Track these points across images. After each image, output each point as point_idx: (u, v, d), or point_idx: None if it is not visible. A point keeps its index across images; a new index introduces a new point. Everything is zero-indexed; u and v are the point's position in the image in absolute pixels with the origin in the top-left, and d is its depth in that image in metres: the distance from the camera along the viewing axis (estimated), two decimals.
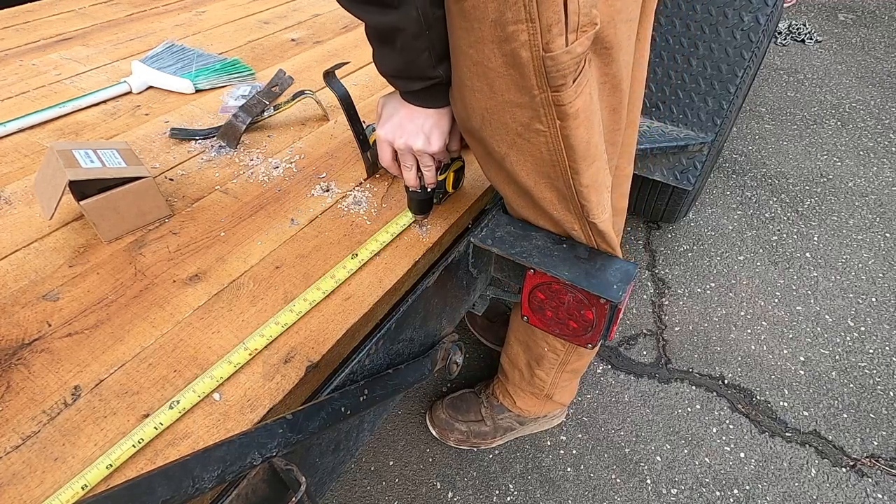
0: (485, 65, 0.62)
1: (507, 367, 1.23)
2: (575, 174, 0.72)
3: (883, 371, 1.52)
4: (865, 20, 3.59)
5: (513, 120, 0.67)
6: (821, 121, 2.58)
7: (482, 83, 0.64)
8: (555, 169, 0.71)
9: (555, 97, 0.63)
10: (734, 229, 1.99)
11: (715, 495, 1.26)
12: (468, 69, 0.64)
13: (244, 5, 1.65)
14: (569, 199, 0.76)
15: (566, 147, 0.68)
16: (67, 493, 0.51)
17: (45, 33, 1.44)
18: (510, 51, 0.59)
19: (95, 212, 0.76)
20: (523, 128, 0.67)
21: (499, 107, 0.66)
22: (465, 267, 0.88)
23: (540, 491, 1.28)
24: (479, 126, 0.70)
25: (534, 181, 0.74)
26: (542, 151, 0.69)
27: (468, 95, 0.67)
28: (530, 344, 1.10)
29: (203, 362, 0.63)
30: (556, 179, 0.73)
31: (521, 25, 0.57)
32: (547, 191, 0.76)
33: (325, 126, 1.08)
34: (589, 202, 0.76)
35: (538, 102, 0.64)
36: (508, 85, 0.63)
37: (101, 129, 1.05)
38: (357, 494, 1.27)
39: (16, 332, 0.66)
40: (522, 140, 0.69)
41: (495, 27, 0.58)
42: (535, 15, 0.56)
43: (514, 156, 0.72)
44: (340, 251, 0.79)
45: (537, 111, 0.65)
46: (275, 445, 0.53)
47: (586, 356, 1.11)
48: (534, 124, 0.66)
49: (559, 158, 0.70)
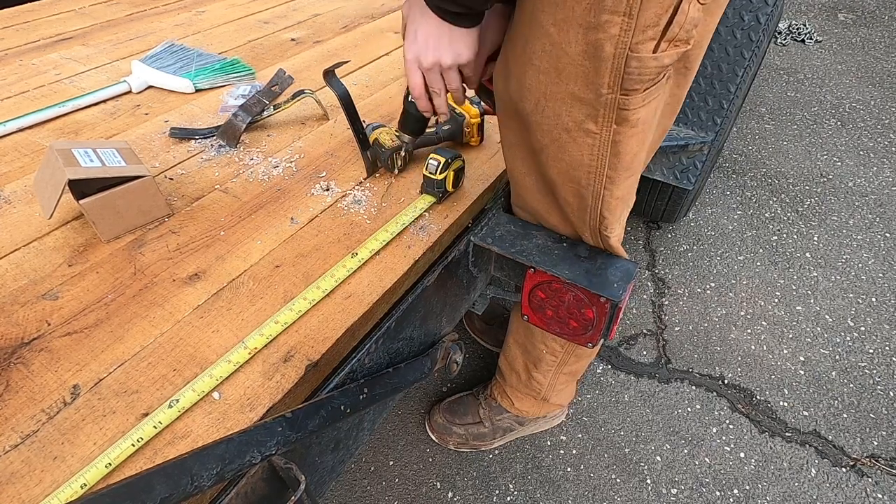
0: (562, 48, 0.59)
1: (504, 370, 1.23)
2: (609, 184, 0.70)
3: (883, 371, 1.52)
4: (865, 20, 3.59)
5: (567, 114, 0.64)
6: (821, 121, 2.58)
7: (550, 66, 0.61)
8: (589, 175, 0.69)
9: (622, 100, 0.60)
10: (734, 229, 1.99)
11: (715, 495, 1.26)
12: (541, 48, 0.61)
13: (244, 5, 1.65)
14: (590, 209, 0.74)
15: (612, 154, 0.66)
16: (66, 492, 0.51)
17: (45, 33, 1.44)
18: (595, 40, 0.57)
19: (95, 211, 0.76)
20: (575, 125, 0.65)
21: (558, 96, 0.63)
22: (465, 266, 0.87)
23: (540, 491, 1.28)
24: (531, 110, 0.67)
25: (561, 180, 0.72)
26: (583, 154, 0.67)
27: (530, 75, 0.64)
28: (528, 347, 1.09)
29: (202, 361, 0.63)
30: (586, 187, 0.71)
31: (616, 17, 0.55)
32: (571, 195, 0.74)
33: (325, 125, 1.08)
34: (611, 214, 0.74)
35: (602, 102, 0.61)
36: (577, 76, 0.60)
37: (100, 129, 1.05)
38: (357, 494, 1.27)
39: (15, 331, 0.66)
40: (568, 137, 0.66)
41: (590, 11, 0.55)
42: (635, 11, 0.54)
43: (553, 150, 0.69)
44: (340, 250, 0.79)
45: (596, 111, 0.62)
46: (274, 444, 0.52)
47: (584, 359, 1.10)
48: (587, 124, 0.64)
49: (599, 165, 0.67)
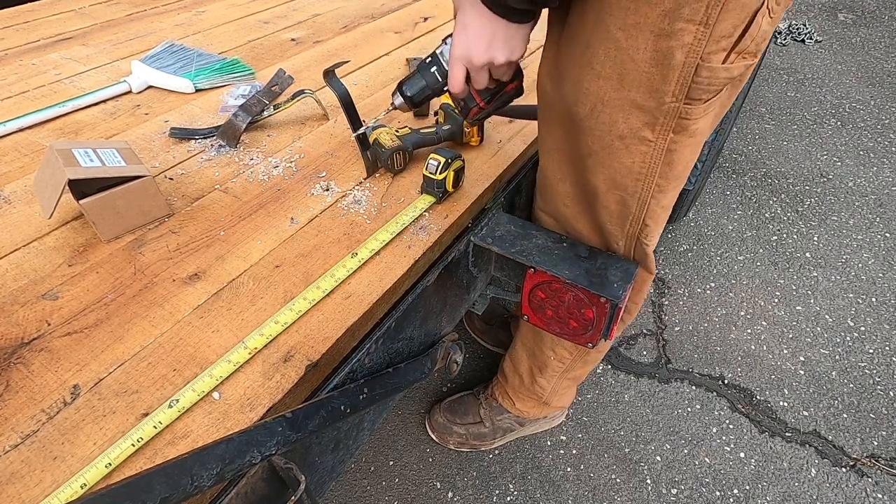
0: (628, 54, 0.58)
1: (508, 372, 1.23)
2: (658, 192, 0.69)
3: (883, 371, 1.52)
4: (865, 20, 3.59)
5: (624, 121, 0.63)
6: (821, 121, 2.58)
7: (612, 72, 0.60)
8: (637, 183, 0.68)
9: (685, 109, 0.59)
10: (734, 229, 1.99)
11: (715, 495, 1.26)
12: (604, 53, 0.59)
13: (244, 5, 1.64)
14: (633, 216, 0.73)
15: (664, 163, 0.65)
16: (66, 492, 0.51)
17: (45, 33, 1.44)
18: (666, 48, 0.56)
19: (95, 211, 0.76)
20: (630, 132, 0.63)
21: (617, 103, 0.62)
22: (465, 266, 0.87)
23: (540, 491, 1.28)
24: (585, 115, 0.65)
25: (606, 187, 0.71)
26: (634, 162, 0.66)
27: (589, 80, 0.62)
28: (536, 351, 1.09)
29: (202, 361, 0.63)
30: (633, 194, 0.70)
31: (691, 26, 0.53)
32: (613, 202, 0.73)
33: (325, 125, 1.08)
34: (654, 223, 0.74)
35: (664, 110, 0.60)
36: (641, 83, 0.59)
37: (100, 129, 1.05)
38: (357, 494, 1.27)
39: (15, 331, 0.66)
40: (621, 144, 0.65)
41: (664, 18, 0.54)
42: (712, 20, 0.53)
43: (602, 156, 0.67)
44: (340, 250, 0.79)
45: (656, 119, 0.61)
46: (274, 444, 0.52)
47: (590, 364, 1.11)
48: (643, 131, 0.63)
49: (649, 172, 0.66)
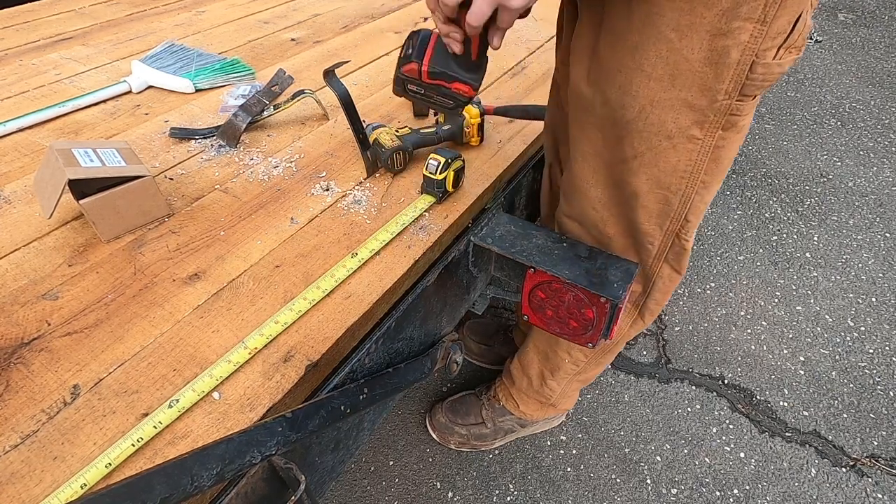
0: (681, 54, 0.57)
1: (515, 373, 1.22)
2: (703, 188, 0.69)
3: (883, 371, 1.52)
4: (865, 20, 3.59)
5: (673, 121, 0.63)
6: (821, 121, 2.58)
7: (664, 73, 0.60)
8: (682, 181, 0.68)
9: (736, 106, 0.60)
10: (734, 229, 1.99)
11: (715, 495, 1.26)
12: (656, 54, 0.59)
13: (244, 5, 1.65)
14: (674, 214, 0.73)
15: (711, 159, 0.65)
16: (66, 492, 0.51)
17: (45, 33, 1.44)
18: (722, 47, 0.55)
19: (95, 211, 0.76)
20: (679, 131, 0.63)
21: (668, 103, 0.62)
22: (465, 266, 0.87)
23: (540, 491, 1.28)
24: (633, 118, 0.65)
25: (648, 188, 0.71)
26: (680, 160, 0.66)
27: (638, 82, 0.62)
28: (550, 354, 1.08)
29: (202, 361, 0.63)
30: (676, 192, 0.70)
31: (749, 24, 0.53)
32: (654, 202, 0.73)
33: (325, 125, 1.08)
34: (695, 218, 0.74)
35: (716, 108, 0.60)
36: (693, 83, 0.59)
37: (100, 129, 1.05)
38: (357, 494, 1.27)
39: (15, 331, 0.66)
40: (669, 144, 0.65)
41: (721, 17, 0.54)
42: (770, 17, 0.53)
43: (647, 157, 0.67)
44: (340, 250, 0.79)
45: (706, 117, 0.61)
46: (274, 444, 0.52)
47: (601, 366, 1.11)
48: (692, 130, 0.63)
49: (695, 170, 0.67)
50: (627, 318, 0.97)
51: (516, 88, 1.22)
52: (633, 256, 0.84)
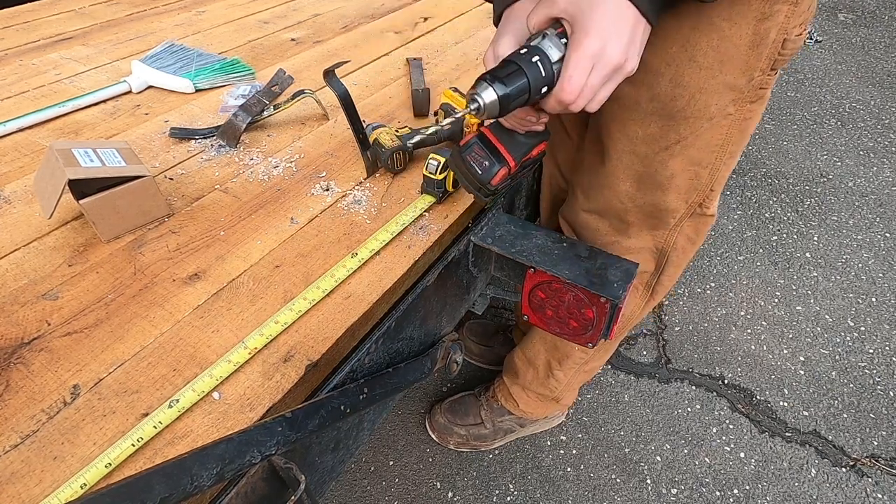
0: (731, 41, 0.61)
1: (519, 365, 1.21)
2: (729, 158, 0.74)
3: (883, 371, 1.52)
4: (865, 20, 3.59)
5: (716, 103, 0.67)
6: (821, 121, 2.58)
7: (714, 60, 0.63)
8: (713, 154, 0.72)
9: (766, 80, 0.65)
10: (734, 229, 1.99)
11: (715, 495, 1.26)
12: (707, 44, 0.62)
13: (244, 5, 1.64)
14: (701, 188, 0.77)
15: (739, 131, 0.70)
16: (66, 492, 0.51)
17: (45, 33, 1.44)
18: (764, 30, 0.60)
19: (95, 211, 0.76)
20: (718, 111, 0.67)
21: (714, 88, 0.65)
22: (465, 266, 0.87)
23: (540, 491, 1.28)
24: (682, 106, 0.68)
25: (682, 167, 0.75)
26: (715, 136, 0.70)
27: (690, 72, 0.65)
28: (558, 343, 1.09)
29: (202, 361, 0.63)
30: (706, 167, 0.74)
31: (785, 6, 0.59)
32: (685, 179, 0.76)
33: (325, 125, 1.08)
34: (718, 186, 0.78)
35: (752, 84, 0.65)
36: (737, 65, 0.63)
37: (100, 129, 1.05)
38: (357, 494, 1.27)
39: (15, 331, 0.66)
40: (708, 124, 0.69)
41: (766, 3, 0.59)
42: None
43: (690, 140, 0.71)
44: (340, 250, 0.79)
45: (742, 94, 0.66)
46: (274, 444, 0.52)
47: (608, 354, 1.13)
48: (728, 108, 0.67)
49: (726, 142, 0.71)
50: (640, 299, 0.98)
51: None
52: (646, 236, 0.87)
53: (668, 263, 0.91)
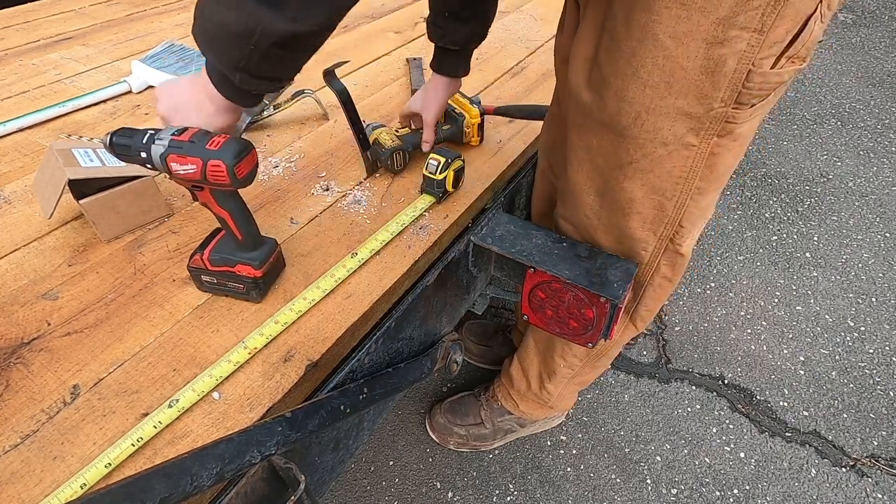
0: (677, 62, 0.58)
1: (514, 375, 1.21)
2: (697, 194, 0.69)
3: (883, 371, 1.52)
4: (865, 20, 3.59)
5: (669, 128, 0.63)
6: (821, 121, 2.58)
7: (660, 80, 0.60)
8: (677, 186, 0.68)
9: (732, 114, 0.60)
10: (734, 229, 1.99)
11: (715, 495, 1.26)
12: (652, 62, 0.59)
13: None
14: (668, 221, 0.73)
15: (706, 166, 0.66)
16: (66, 492, 0.51)
17: (45, 33, 1.44)
18: (718, 55, 0.56)
19: (95, 211, 0.76)
20: (674, 139, 0.64)
21: (662, 111, 0.62)
22: (465, 266, 0.87)
23: (540, 491, 1.28)
24: (628, 124, 0.65)
25: (643, 194, 0.71)
26: (675, 167, 0.66)
27: (634, 88, 0.62)
28: (547, 358, 1.08)
29: (202, 361, 0.63)
30: (671, 198, 0.70)
31: (746, 33, 0.54)
32: (649, 207, 0.73)
33: (325, 125, 1.08)
34: (690, 224, 0.74)
35: (711, 116, 0.60)
36: (689, 91, 0.59)
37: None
38: (357, 494, 1.27)
39: (15, 331, 0.66)
40: (663, 151, 0.65)
41: (718, 26, 0.54)
42: (767, 27, 0.53)
43: (643, 164, 0.67)
44: (340, 250, 0.79)
45: (702, 125, 0.62)
46: (274, 444, 0.52)
47: (599, 370, 1.10)
48: (687, 137, 0.63)
49: (690, 176, 0.67)
50: (620, 323, 0.96)
51: (516, 88, 1.22)
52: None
53: (645, 296, 0.88)
